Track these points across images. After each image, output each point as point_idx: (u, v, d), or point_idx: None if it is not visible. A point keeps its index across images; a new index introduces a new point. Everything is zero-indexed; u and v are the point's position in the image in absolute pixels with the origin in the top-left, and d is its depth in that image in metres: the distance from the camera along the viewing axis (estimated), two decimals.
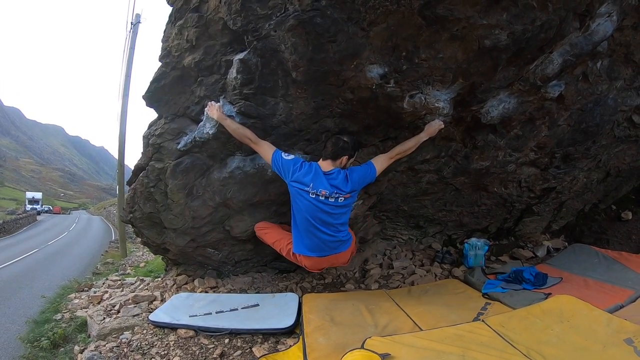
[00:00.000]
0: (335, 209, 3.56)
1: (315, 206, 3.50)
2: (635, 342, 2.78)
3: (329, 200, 3.49)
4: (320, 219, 3.55)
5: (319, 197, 3.47)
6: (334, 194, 3.49)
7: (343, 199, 3.54)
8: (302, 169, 3.50)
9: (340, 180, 3.49)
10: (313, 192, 3.47)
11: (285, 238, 4.07)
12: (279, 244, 4.09)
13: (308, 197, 3.49)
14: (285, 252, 4.01)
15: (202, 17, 3.09)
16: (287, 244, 3.98)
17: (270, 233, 4.24)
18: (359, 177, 3.57)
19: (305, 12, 2.60)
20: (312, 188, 3.46)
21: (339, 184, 3.49)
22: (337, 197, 3.50)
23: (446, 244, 6.26)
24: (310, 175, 3.48)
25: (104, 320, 4.43)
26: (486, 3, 2.64)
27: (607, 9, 3.18)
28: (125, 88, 13.29)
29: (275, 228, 4.30)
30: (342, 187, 3.50)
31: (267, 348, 3.59)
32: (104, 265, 12.52)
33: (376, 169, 3.61)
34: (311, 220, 3.55)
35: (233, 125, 3.43)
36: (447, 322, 3.46)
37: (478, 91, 3.40)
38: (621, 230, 5.91)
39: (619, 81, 4.04)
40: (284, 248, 4.02)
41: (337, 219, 3.64)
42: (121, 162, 14.07)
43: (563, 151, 4.63)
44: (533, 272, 4.39)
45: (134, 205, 4.44)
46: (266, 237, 4.25)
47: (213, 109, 3.45)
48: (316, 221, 3.56)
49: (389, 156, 3.66)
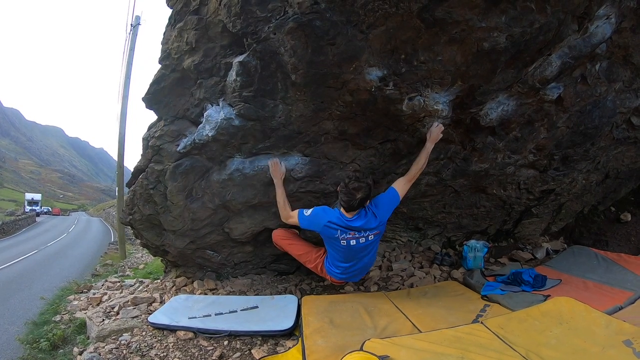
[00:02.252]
0: (366, 247, 3.78)
1: (348, 249, 3.72)
2: (634, 344, 2.77)
3: (360, 241, 3.67)
4: (354, 257, 3.82)
5: (350, 242, 3.65)
6: (363, 236, 3.64)
7: (372, 236, 3.70)
8: (325, 218, 3.66)
9: (368, 219, 3.62)
10: (343, 237, 3.64)
11: (311, 252, 4.22)
12: (305, 257, 4.23)
13: (340, 245, 3.69)
14: (312, 265, 4.19)
15: (201, 20, 3.10)
16: (315, 258, 4.15)
17: (295, 245, 4.31)
18: (385, 209, 3.69)
19: (305, 14, 2.60)
20: (340, 234, 3.63)
21: (366, 224, 3.62)
22: (367, 236, 3.67)
23: (445, 245, 6.26)
24: (335, 225, 3.63)
25: (103, 322, 4.43)
26: (485, 6, 2.66)
27: (605, 11, 3.19)
28: (125, 90, 13.30)
29: (299, 240, 4.37)
30: (371, 224, 3.63)
31: (266, 350, 3.59)
32: (103, 267, 12.52)
33: (399, 194, 3.73)
34: (347, 257, 3.82)
35: (281, 198, 3.86)
36: (446, 324, 3.46)
37: (477, 93, 3.41)
38: (620, 232, 5.91)
39: (618, 83, 4.04)
40: (311, 261, 4.18)
41: (369, 252, 3.91)
42: (121, 164, 14.08)
43: (562, 153, 4.63)
44: (532, 274, 4.39)
45: (134, 207, 4.44)
46: (291, 248, 4.31)
47: (277, 169, 3.76)
48: (351, 259, 3.83)
49: (408, 179, 3.76)
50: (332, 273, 4.01)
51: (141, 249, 14.08)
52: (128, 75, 13.29)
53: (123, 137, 13.71)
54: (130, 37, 13.43)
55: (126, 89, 13.31)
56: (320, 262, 4.08)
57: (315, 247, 4.26)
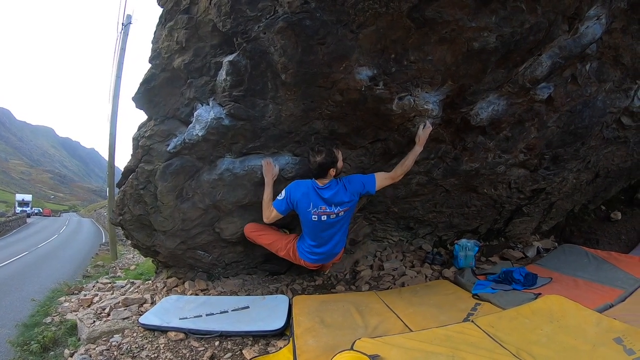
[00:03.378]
0: (336, 224, 3.77)
1: (319, 224, 3.71)
2: (624, 341, 2.80)
3: (330, 217, 3.66)
4: (324, 235, 3.80)
5: (321, 217, 3.64)
6: (333, 212, 3.64)
7: (342, 212, 3.69)
8: (299, 191, 3.66)
9: (339, 191, 3.62)
10: (314, 211, 3.63)
11: (281, 239, 4.20)
12: (275, 245, 4.20)
13: (311, 217, 3.67)
14: (283, 252, 4.15)
15: (192, 19, 3.08)
16: (286, 244, 4.13)
17: (265, 235, 4.27)
18: (357, 187, 3.68)
19: (295, 14, 2.60)
20: (312, 207, 3.63)
21: (338, 195, 3.61)
22: (337, 212, 3.66)
23: (436, 245, 6.28)
24: (307, 195, 3.63)
25: (94, 324, 4.40)
26: (475, 6, 2.66)
27: (596, 12, 3.21)
28: (116, 89, 13.21)
29: (268, 229, 4.32)
30: (341, 197, 3.63)
31: (258, 350, 3.58)
32: (94, 268, 12.44)
33: (376, 182, 3.71)
34: (317, 235, 3.79)
35: (267, 198, 3.85)
36: (437, 323, 3.46)
37: (467, 93, 3.42)
38: (610, 231, 5.96)
39: (608, 83, 4.07)
40: (282, 248, 4.15)
41: (339, 229, 3.88)
42: (111, 164, 13.98)
43: (552, 152, 4.66)
44: (523, 273, 4.41)
45: (124, 208, 4.41)
46: (261, 239, 4.27)
47: (270, 170, 3.79)
48: (321, 237, 3.81)
49: (391, 176, 3.75)
50: (303, 255, 3.98)
51: (132, 250, 14.02)
52: (119, 75, 13.19)
53: (114, 137, 13.61)
54: (121, 36, 13.34)
55: (117, 89, 13.22)
56: (291, 247, 4.06)
57: (284, 234, 4.29)
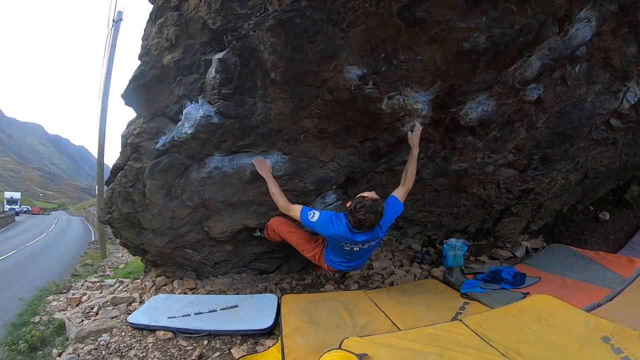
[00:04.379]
0: (368, 251, 3.78)
1: (350, 252, 3.67)
2: (612, 340, 2.83)
3: (363, 247, 3.60)
4: (354, 258, 3.79)
5: (353, 249, 3.59)
6: (367, 244, 3.59)
7: (374, 242, 3.68)
8: (330, 230, 3.49)
9: (374, 234, 3.53)
10: (347, 246, 3.57)
11: (310, 241, 4.13)
12: (303, 246, 4.13)
13: (342, 249, 3.63)
14: (310, 254, 4.08)
15: (182, 16, 3.06)
16: (313, 247, 4.07)
17: (295, 233, 4.20)
18: (390, 221, 3.64)
19: (285, 12, 2.59)
20: (345, 243, 3.54)
21: (373, 237, 3.55)
22: (370, 244, 3.62)
23: (425, 244, 6.32)
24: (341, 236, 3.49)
25: (82, 323, 4.36)
26: (465, 6, 2.67)
27: (586, 15, 3.24)
28: (106, 86, 13.06)
29: (297, 229, 4.25)
30: (377, 236, 3.59)
31: (246, 349, 3.57)
32: (83, 267, 12.34)
33: (402, 203, 3.70)
34: (346, 258, 3.78)
35: (275, 190, 3.75)
36: (426, 322, 3.47)
37: (457, 93, 3.43)
38: (599, 231, 6.02)
39: (597, 85, 4.11)
40: (309, 250, 4.08)
41: (369, 252, 3.86)
42: (100, 162, 13.82)
43: (541, 153, 4.69)
44: (511, 272, 4.43)
45: (112, 206, 4.38)
46: (290, 236, 4.19)
47: (263, 166, 3.73)
48: (350, 259, 3.80)
49: (407, 188, 3.76)
50: (329, 263, 3.92)
51: (122, 249, 13.91)
52: (109, 72, 13.05)
53: (103, 134, 13.46)
54: (112, 32, 13.22)
55: (107, 86, 13.07)
56: (319, 252, 4.00)
57: (313, 237, 4.19)
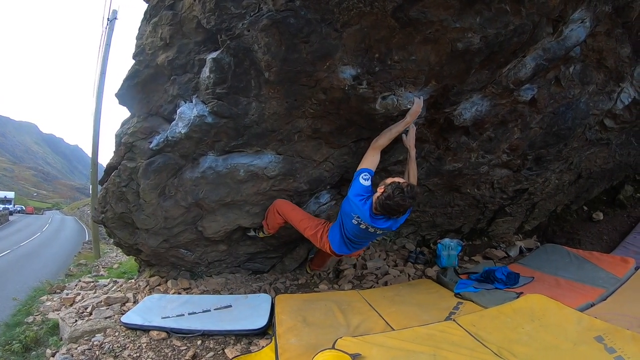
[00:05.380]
0: (371, 237, 3.70)
1: (357, 228, 3.53)
2: (605, 340, 2.85)
3: (369, 230, 3.50)
4: (356, 236, 3.64)
5: (360, 226, 3.48)
6: (375, 230, 3.50)
7: (380, 232, 3.59)
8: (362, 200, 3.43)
9: (390, 224, 3.49)
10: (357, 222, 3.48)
11: (312, 219, 4.09)
12: (304, 224, 4.05)
13: (350, 222, 3.52)
14: (311, 233, 3.98)
15: (176, 15, 3.06)
16: (315, 225, 3.99)
17: (296, 211, 4.17)
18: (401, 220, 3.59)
19: (279, 12, 2.59)
20: (359, 218, 3.45)
21: (389, 226, 3.50)
22: (377, 232, 3.53)
23: (420, 244, 6.34)
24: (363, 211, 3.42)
25: (76, 323, 4.35)
26: (460, 6, 2.67)
27: (580, 15, 3.24)
28: (100, 85, 13.00)
29: (299, 209, 4.24)
30: (391, 227, 3.54)
31: (240, 349, 3.58)
32: (77, 267, 12.28)
33: None
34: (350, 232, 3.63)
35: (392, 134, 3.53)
36: (419, 321, 3.48)
37: (451, 93, 3.44)
38: (592, 231, 6.05)
39: (591, 86, 4.12)
40: (310, 227, 3.99)
41: (369, 240, 3.94)
42: (95, 161, 13.75)
43: (535, 153, 4.70)
44: (505, 272, 4.45)
45: (106, 205, 4.36)
46: (291, 214, 4.14)
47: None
48: (353, 236, 3.65)
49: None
50: (333, 241, 3.80)
51: (116, 248, 13.86)
52: (103, 71, 12.98)
53: (97, 133, 13.38)
54: (106, 31, 13.16)
55: (101, 85, 13.01)
56: (321, 229, 3.92)
57: (315, 218, 4.14)
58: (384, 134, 3.51)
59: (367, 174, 3.46)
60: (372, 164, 3.53)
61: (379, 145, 3.53)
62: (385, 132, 3.52)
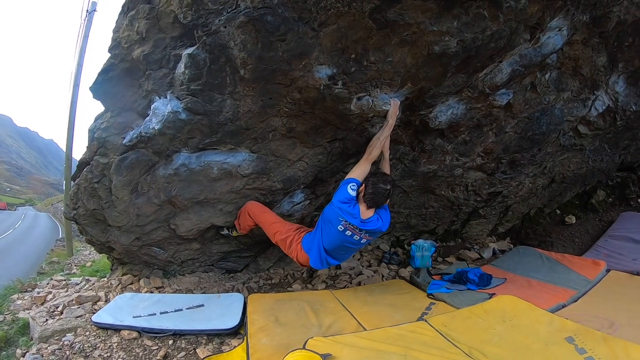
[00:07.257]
0: (354, 246, 3.65)
1: (341, 236, 3.49)
2: (576, 341, 2.91)
3: (354, 238, 3.49)
4: (339, 249, 3.63)
5: (346, 232, 3.45)
6: (361, 234, 3.48)
7: (365, 239, 3.56)
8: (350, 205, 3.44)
9: (379, 225, 3.51)
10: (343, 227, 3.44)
11: (284, 224, 4.04)
12: (275, 227, 4.00)
13: (335, 230, 3.47)
14: (281, 237, 3.92)
15: (153, 9, 3.01)
16: (287, 230, 3.93)
17: (268, 214, 4.13)
18: (388, 219, 3.61)
19: (256, 9, 2.58)
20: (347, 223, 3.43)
21: (379, 227, 3.51)
22: (362, 236, 3.50)
23: (394, 245, 6.37)
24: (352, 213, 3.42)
25: (47, 322, 4.26)
26: (438, 10, 2.70)
27: (558, 24, 3.31)
28: (77, 78, 12.73)
29: (271, 212, 4.19)
30: (381, 228, 3.55)
31: (212, 349, 3.54)
32: (49, 265, 12.03)
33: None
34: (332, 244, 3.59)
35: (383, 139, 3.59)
36: (392, 322, 3.49)
37: (427, 96, 3.47)
38: (565, 234, 6.16)
39: (566, 92, 4.21)
40: (281, 232, 3.93)
41: (352, 252, 3.94)
42: (69, 156, 13.43)
43: (509, 157, 4.77)
44: (477, 273, 4.50)
45: (78, 202, 4.28)
46: (262, 217, 4.09)
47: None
48: (334, 248, 3.62)
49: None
50: (309, 252, 3.71)
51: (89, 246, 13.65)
52: (80, 64, 12.72)
53: (72, 127, 13.11)
54: (84, 23, 12.92)
55: (77, 78, 12.74)
56: (294, 236, 3.85)
57: (289, 224, 4.08)
58: (374, 144, 3.58)
59: (355, 184, 3.49)
60: (362, 175, 3.55)
61: (373, 157, 3.60)
62: (374, 141, 3.58)
